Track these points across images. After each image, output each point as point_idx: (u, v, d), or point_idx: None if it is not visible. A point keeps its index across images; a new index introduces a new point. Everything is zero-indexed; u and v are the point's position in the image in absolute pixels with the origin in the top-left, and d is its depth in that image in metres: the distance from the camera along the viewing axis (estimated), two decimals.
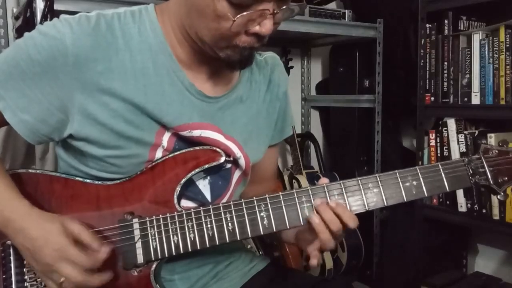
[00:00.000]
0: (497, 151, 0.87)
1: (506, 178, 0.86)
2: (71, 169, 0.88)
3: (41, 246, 0.74)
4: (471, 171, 0.86)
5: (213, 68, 0.88)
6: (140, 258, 0.80)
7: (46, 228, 0.76)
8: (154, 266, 0.81)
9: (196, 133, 0.86)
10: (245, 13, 0.74)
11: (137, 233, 0.81)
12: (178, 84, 0.85)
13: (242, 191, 1.00)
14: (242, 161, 0.92)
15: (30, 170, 0.86)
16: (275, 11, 0.76)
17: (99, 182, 0.84)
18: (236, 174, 0.94)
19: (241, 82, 0.94)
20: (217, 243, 0.81)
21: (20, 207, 0.78)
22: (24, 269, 0.82)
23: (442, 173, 0.85)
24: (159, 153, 0.85)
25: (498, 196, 0.87)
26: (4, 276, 0.81)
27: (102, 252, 0.76)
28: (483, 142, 0.90)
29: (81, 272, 0.74)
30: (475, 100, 1.81)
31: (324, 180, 0.84)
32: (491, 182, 0.86)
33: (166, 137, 0.85)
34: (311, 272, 1.99)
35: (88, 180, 0.85)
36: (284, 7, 0.77)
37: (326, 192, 0.82)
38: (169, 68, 0.84)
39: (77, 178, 0.85)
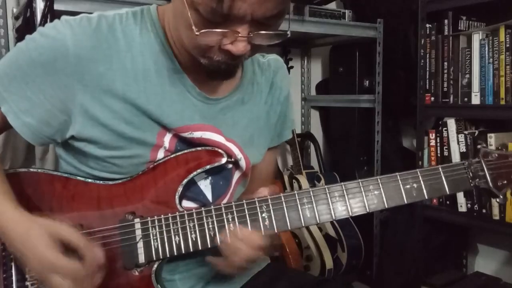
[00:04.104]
0: (496, 155, 0.88)
1: (505, 182, 0.87)
2: (72, 169, 0.88)
3: (30, 259, 0.73)
4: (471, 174, 0.87)
5: None
6: (141, 258, 0.81)
7: (32, 240, 0.73)
8: (155, 266, 0.81)
9: (197, 134, 0.86)
10: (211, 30, 0.71)
11: (138, 233, 0.81)
12: (179, 85, 0.85)
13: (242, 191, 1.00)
14: (242, 162, 0.92)
15: (31, 169, 0.86)
16: (250, 34, 0.72)
17: (101, 182, 0.84)
18: (236, 174, 0.94)
19: (243, 84, 0.94)
20: (219, 244, 0.81)
21: (6, 212, 0.76)
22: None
23: (443, 176, 0.85)
24: (160, 154, 0.85)
25: (497, 200, 0.88)
26: (4, 275, 0.81)
27: (97, 257, 0.75)
28: (483, 146, 0.90)
29: (72, 283, 0.72)
30: (475, 100, 1.81)
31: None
32: (491, 185, 0.87)
33: (167, 138, 0.85)
34: (311, 272, 1.99)
35: (89, 180, 0.84)
36: (262, 32, 0.72)
37: (327, 194, 0.82)
38: (170, 69, 0.84)
39: (78, 178, 0.85)
